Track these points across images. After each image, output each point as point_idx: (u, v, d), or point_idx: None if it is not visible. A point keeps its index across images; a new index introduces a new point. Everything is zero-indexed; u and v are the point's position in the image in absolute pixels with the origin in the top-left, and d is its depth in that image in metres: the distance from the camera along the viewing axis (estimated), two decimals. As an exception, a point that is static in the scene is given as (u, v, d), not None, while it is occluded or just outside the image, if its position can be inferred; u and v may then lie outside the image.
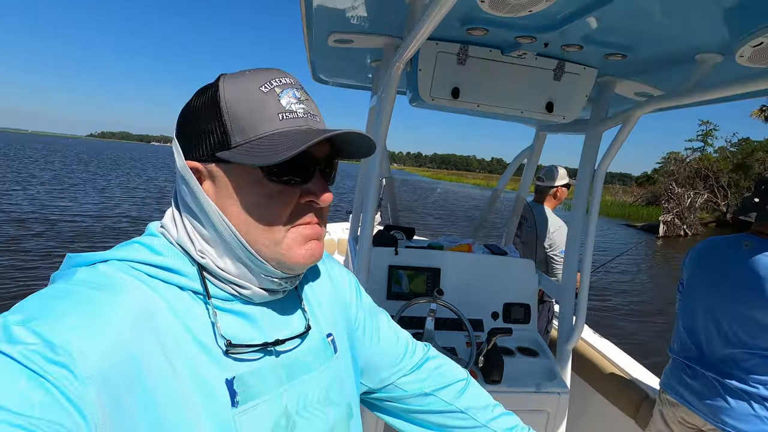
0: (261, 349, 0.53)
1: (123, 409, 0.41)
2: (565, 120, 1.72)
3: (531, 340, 1.98)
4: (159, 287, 0.49)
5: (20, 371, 0.37)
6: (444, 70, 1.58)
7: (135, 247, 0.51)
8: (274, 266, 0.54)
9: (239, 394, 0.50)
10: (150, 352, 0.45)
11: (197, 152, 0.52)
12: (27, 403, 0.35)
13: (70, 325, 0.40)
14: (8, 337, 0.38)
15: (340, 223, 4.72)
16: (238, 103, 0.50)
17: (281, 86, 0.52)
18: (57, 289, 0.44)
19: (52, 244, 7.51)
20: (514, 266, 2.08)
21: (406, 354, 0.76)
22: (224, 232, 0.52)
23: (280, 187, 0.52)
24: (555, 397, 1.69)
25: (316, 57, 1.96)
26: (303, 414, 0.56)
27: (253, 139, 0.50)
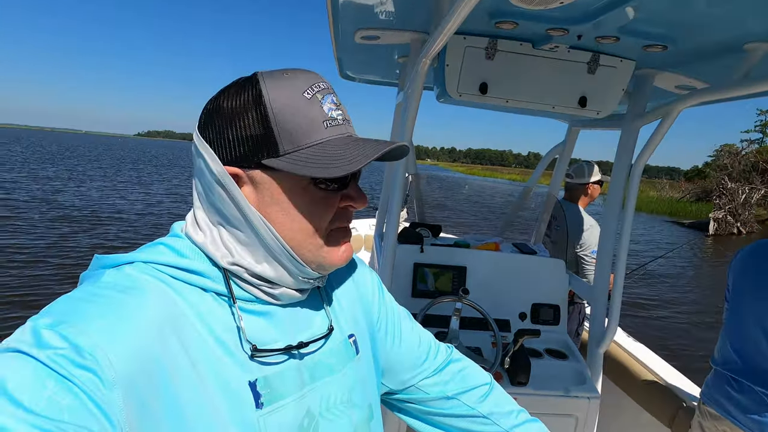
0: (285, 352, 0.54)
1: (148, 413, 0.42)
2: (600, 115, 1.64)
3: (560, 342, 1.92)
4: (182, 289, 0.49)
5: (48, 375, 0.37)
6: (472, 65, 1.55)
7: (159, 248, 0.52)
8: (314, 269, 0.55)
9: (263, 395, 0.50)
10: (174, 355, 0.45)
11: (236, 157, 0.51)
12: (56, 407, 0.36)
13: (97, 330, 0.41)
14: (37, 341, 0.38)
15: (367, 220, 4.74)
16: (286, 109, 0.49)
17: (321, 92, 0.52)
18: (85, 292, 0.45)
19: (97, 241, 7.90)
20: (544, 266, 2.02)
21: (429, 356, 0.75)
22: (267, 238, 0.51)
23: (325, 193, 0.53)
24: (585, 402, 1.64)
25: (343, 54, 1.97)
26: (326, 415, 0.56)
27: (303, 147, 0.50)
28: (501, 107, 1.71)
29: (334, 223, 0.55)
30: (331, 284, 0.67)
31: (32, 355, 0.37)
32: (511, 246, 2.24)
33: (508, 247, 2.22)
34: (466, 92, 1.59)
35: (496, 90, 1.58)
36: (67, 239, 7.68)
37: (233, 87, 0.52)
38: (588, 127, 2.21)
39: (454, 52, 1.53)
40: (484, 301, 1.74)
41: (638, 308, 6.80)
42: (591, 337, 1.86)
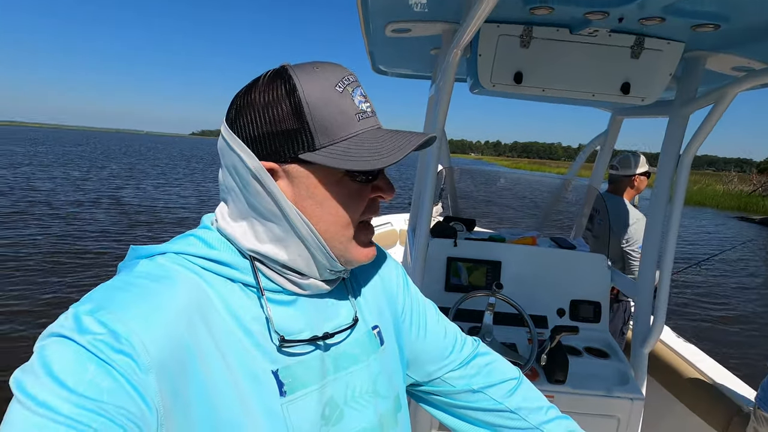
0: (310, 342, 0.54)
1: (180, 397, 0.43)
2: (645, 102, 1.55)
3: (601, 341, 1.84)
4: (211, 279, 0.51)
5: (89, 359, 0.39)
6: (506, 54, 1.51)
7: (190, 240, 0.53)
8: (342, 262, 0.56)
9: (286, 384, 0.51)
10: (203, 343, 0.47)
11: (271, 152, 0.51)
12: (97, 389, 0.38)
13: (132, 317, 0.42)
14: (79, 326, 0.40)
15: (402, 214, 4.74)
16: (320, 103, 0.50)
17: (350, 85, 0.52)
18: (121, 281, 0.47)
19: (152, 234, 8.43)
20: (584, 261, 1.95)
21: (455, 349, 0.74)
22: (303, 231, 0.52)
23: (358, 185, 0.54)
24: (627, 403, 1.56)
25: (375, 48, 1.97)
26: (351, 404, 0.57)
27: (339, 140, 0.50)
28: (537, 97, 1.65)
29: (364, 215, 0.55)
30: (355, 276, 0.67)
31: (74, 339, 0.40)
32: (549, 240, 2.17)
33: (546, 242, 2.15)
34: (499, 82, 1.55)
35: (532, 79, 1.53)
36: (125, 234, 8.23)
37: (264, 81, 0.52)
38: (632, 116, 2.10)
39: (487, 41, 1.49)
40: (520, 297, 1.70)
41: (689, 307, 6.39)
42: (635, 336, 1.77)
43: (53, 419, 0.36)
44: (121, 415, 0.38)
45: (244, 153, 0.51)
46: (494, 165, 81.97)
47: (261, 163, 0.51)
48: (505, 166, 73.15)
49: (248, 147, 0.51)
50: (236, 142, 0.52)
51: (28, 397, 0.36)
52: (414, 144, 0.51)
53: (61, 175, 17.19)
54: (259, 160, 0.51)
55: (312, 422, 0.52)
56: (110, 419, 0.37)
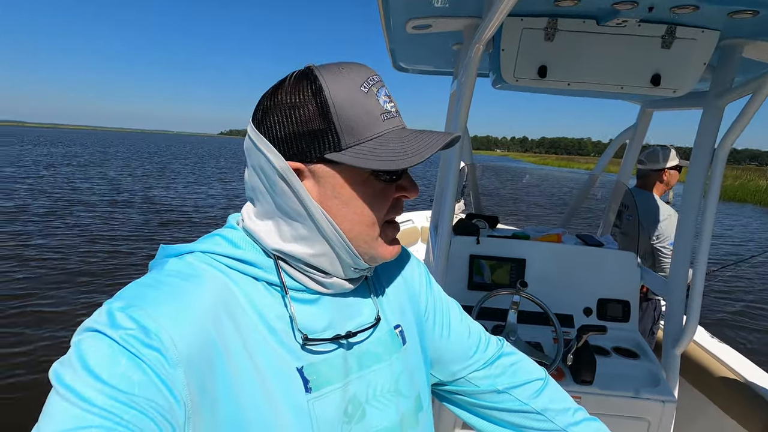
0: (333, 341, 0.55)
1: (207, 393, 0.44)
2: (676, 94, 1.49)
3: (630, 341, 1.79)
4: (237, 278, 0.52)
5: (121, 353, 0.41)
6: (529, 47, 1.48)
7: (216, 239, 0.55)
8: (366, 260, 0.56)
9: (311, 381, 0.52)
10: (229, 340, 0.48)
11: (297, 152, 0.52)
12: (128, 382, 0.40)
13: (162, 314, 0.44)
14: (111, 321, 0.42)
15: (424, 211, 4.71)
16: (346, 104, 0.50)
17: (375, 85, 0.52)
18: (151, 279, 0.49)
19: (182, 234, 8.64)
20: (612, 258, 1.89)
21: (479, 348, 0.73)
22: (328, 231, 0.53)
23: (383, 185, 0.54)
24: (658, 405, 1.52)
25: (396, 45, 1.97)
26: (373, 403, 0.57)
27: (364, 141, 0.51)
28: (562, 91, 1.61)
29: (389, 214, 0.56)
30: (378, 275, 0.67)
31: (107, 334, 0.41)
32: (575, 238, 2.12)
33: (572, 239, 2.10)
34: (523, 77, 1.52)
35: (557, 73, 1.50)
36: (156, 232, 8.52)
37: (290, 82, 0.52)
38: (663, 108, 2.02)
39: (510, 35, 1.47)
40: (545, 295, 1.67)
41: (724, 306, 6.09)
42: (666, 336, 1.71)
43: (88, 410, 0.37)
44: (150, 407, 0.40)
45: (271, 153, 0.52)
46: (520, 162, 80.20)
47: (287, 163, 0.51)
48: (532, 163, 71.27)
49: (275, 147, 0.52)
50: (263, 142, 0.52)
51: (66, 389, 0.38)
52: (439, 144, 0.51)
53: (97, 175, 17.96)
54: (285, 160, 0.51)
55: (336, 419, 0.53)
56: (141, 411, 0.39)
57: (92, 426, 0.37)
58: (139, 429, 0.38)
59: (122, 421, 0.38)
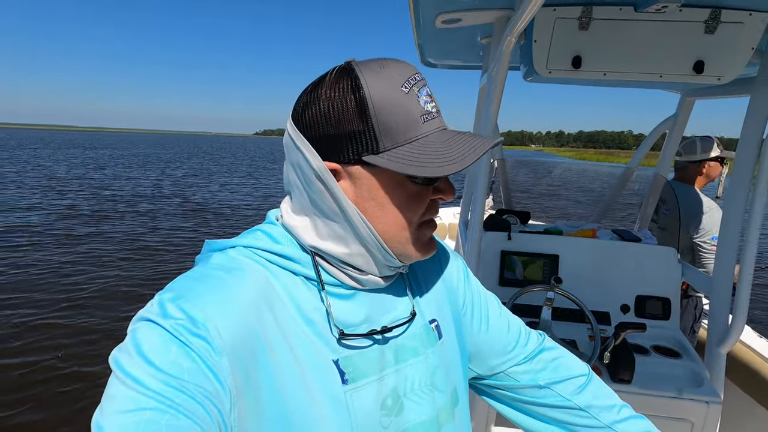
0: (368, 336, 0.55)
1: (250, 381, 0.46)
2: (721, 81, 1.42)
3: (671, 339, 1.73)
4: (277, 272, 0.53)
5: (172, 341, 0.43)
6: (563, 38, 1.44)
7: (257, 235, 0.56)
8: (400, 259, 0.57)
9: (347, 373, 0.53)
10: (270, 330, 0.49)
11: (335, 153, 0.51)
12: (179, 368, 0.42)
13: (208, 305, 0.46)
14: (163, 312, 0.45)
15: (451, 208, 4.66)
16: (386, 105, 0.49)
17: (416, 84, 0.51)
18: (198, 272, 0.51)
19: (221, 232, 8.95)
20: (651, 254, 1.83)
21: (518, 343, 0.72)
22: (362, 231, 0.53)
23: (419, 188, 0.53)
24: (702, 407, 1.46)
25: (424, 41, 1.95)
26: (410, 397, 0.57)
27: (403, 144, 0.50)
28: (597, 81, 1.56)
29: (424, 216, 0.55)
30: (414, 270, 0.67)
31: (159, 323, 0.44)
32: (611, 233, 2.05)
33: (607, 234, 2.04)
34: (556, 68, 1.48)
35: (592, 63, 1.45)
36: (196, 231, 8.84)
37: (330, 80, 0.52)
38: (706, 96, 1.93)
39: (543, 26, 1.43)
40: (580, 292, 1.63)
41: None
42: (711, 335, 1.64)
43: (144, 393, 0.40)
44: (199, 392, 0.42)
45: (309, 152, 0.52)
46: (555, 156, 78.23)
47: (324, 163, 0.51)
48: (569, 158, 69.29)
49: (312, 146, 0.52)
50: (301, 140, 0.52)
51: (124, 374, 0.41)
52: (481, 151, 0.50)
53: (140, 175, 18.80)
54: (322, 159, 0.51)
55: (373, 411, 0.53)
56: (190, 396, 0.41)
57: (147, 408, 0.39)
58: (189, 412, 0.40)
59: (174, 404, 0.40)
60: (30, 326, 4.29)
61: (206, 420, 0.41)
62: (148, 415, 0.39)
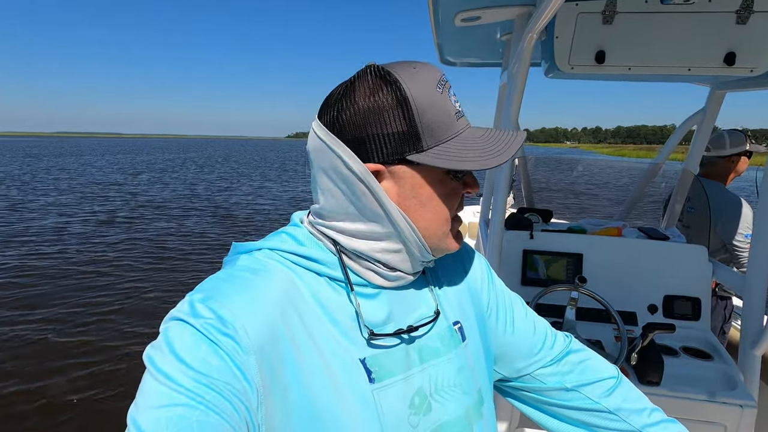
0: (395, 335, 0.56)
1: (277, 380, 0.47)
2: (754, 73, 1.37)
3: (702, 341, 1.67)
4: (301, 273, 0.54)
5: (202, 340, 0.44)
6: (586, 33, 1.41)
7: (282, 237, 0.58)
8: (434, 254, 0.59)
9: (373, 372, 0.53)
10: (295, 330, 0.50)
11: (379, 154, 0.52)
12: (208, 366, 0.43)
13: (236, 305, 0.47)
14: (193, 311, 0.46)
15: (471, 207, 4.62)
16: (426, 105, 0.51)
17: (445, 85, 0.54)
18: (225, 274, 0.52)
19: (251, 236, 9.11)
20: (679, 253, 1.77)
21: (545, 345, 0.71)
22: (405, 230, 0.54)
23: (456, 184, 0.56)
24: (736, 410, 1.41)
25: (444, 40, 1.95)
26: (436, 397, 0.57)
27: (444, 141, 0.52)
28: (622, 76, 1.53)
29: (457, 210, 0.58)
30: (436, 271, 0.67)
31: (190, 322, 0.45)
32: (637, 231, 2.00)
33: (633, 233, 1.99)
34: (579, 63, 1.45)
35: (616, 57, 1.42)
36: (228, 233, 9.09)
37: (365, 82, 0.52)
38: (737, 89, 1.86)
39: (565, 21, 1.41)
40: (605, 292, 1.59)
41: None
42: (744, 336, 1.58)
43: (176, 390, 0.42)
44: (227, 390, 0.43)
45: (347, 155, 0.52)
46: (592, 153, 75.85)
47: (366, 166, 0.52)
48: (606, 154, 66.70)
49: (350, 148, 0.52)
50: (337, 143, 0.52)
51: (157, 370, 0.43)
52: (518, 144, 0.53)
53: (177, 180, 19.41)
54: (362, 161, 0.52)
55: (401, 410, 0.54)
56: (219, 393, 0.42)
57: (179, 404, 0.41)
58: (218, 409, 0.42)
59: (204, 401, 0.42)
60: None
61: (234, 417, 0.42)
62: (179, 411, 0.41)
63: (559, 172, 2.80)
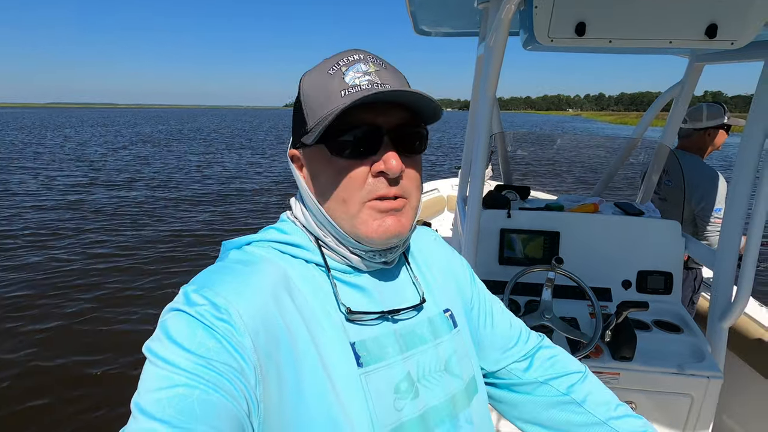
0: (379, 318, 0.58)
1: (272, 360, 0.49)
2: (735, 45, 1.33)
3: (673, 314, 1.71)
4: (290, 261, 0.57)
5: (197, 324, 0.47)
6: (566, 3, 1.33)
7: (270, 231, 0.61)
8: (355, 240, 0.57)
9: (362, 356, 0.55)
10: (287, 314, 0.52)
11: (295, 141, 0.60)
12: (205, 348, 0.46)
13: (228, 291, 0.50)
14: (187, 300, 0.49)
15: (450, 179, 4.58)
16: (310, 89, 0.56)
17: (347, 64, 0.55)
18: (217, 266, 0.56)
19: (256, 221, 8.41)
20: (653, 228, 1.78)
21: (520, 340, 0.76)
22: (316, 213, 0.58)
23: (348, 162, 0.54)
24: (703, 381, 1.45)
25: (417, 7, 1.83)
26: (423, 382, 0.59)
27: (320, 120, 0.54)
28: (602, 48, 1.47)
29: (371, 194, 0.55)
30: (423, 260, 0.70)
31: (185, 311, 0.48)
32: (613, 206, 2.00)
33: (609, 208, 1.99)
34: (559, 36, 1.38)
35: (597, 29, 1.35)
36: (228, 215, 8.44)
37: None
38: (716, 61, 1.83)
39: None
40: (581, 269, 1.59)
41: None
42: (713, 308, 1.62)
43: (176, 372, 0.44)
44: (225, 369, 0.45)
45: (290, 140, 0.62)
46: (593, 121, 75.12)
47: (289, 150, 0.62)
48: (609, 122, 66.03)
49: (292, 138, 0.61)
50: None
51: (157, 357, 0.45)
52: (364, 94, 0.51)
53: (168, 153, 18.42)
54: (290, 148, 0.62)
55: (388, 394, 0.55)
56: (218, 372, 0.45)
57: (179, 384, 0.43)
58: (217, 387, 0.44)
59: (203, 380, 0.44)
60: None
61: (234, 394, 0.45)
62: (180, 391, 0.43)
63: (538, 147, 2.77)
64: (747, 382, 1.90)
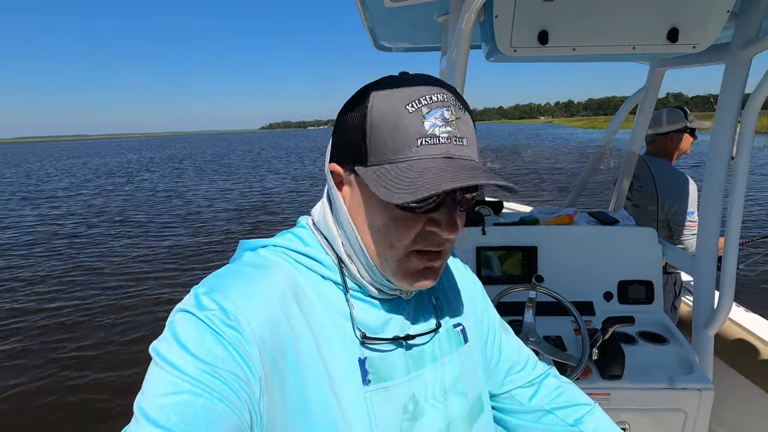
0: (392, 342, 0.57)
1: (278, 369, 0.48)
2: (696, 49, 1.31)
3: (657, 324, 1.66)
4: (304, 272, 0.56)
5: (206, 330, 0.46)
6: (527, 12, 1.29)
7: (288, 237, 0.59)
8: (384, 277, 0.56)
9: (370, 374, 0.53)
10: (296, 323, 0.51)
11: (341, 157, 0.55)
12: (212, 355, 0.45)
13: (238, 298, 0.48)
14: (198, 304, 0.47)
15: None
16: (382, 121, 0.50)
17: (429, 105, 0.49)
18: (230, 269, 0.54)
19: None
20: (630, 237, 1.75)
21: (527, 366, 0.75)
22: (350, 236, 0.55)
23: (404, 213, 0.52)
24: (695, 395, 1.39)
25: (375, 23, 1.77)
26: (431, 402, 0.58)
27: (387, 163, 0.50)
28: (566, 57, 1.43)
29: (414, 245, 0.53)
30: (441, 282, 0.68)
31: (195, 314, 0.47)
32: (587, 216, 1.96)
33: (584, 218, 1.95)
34: (521, 45, 1.34)
35: (559, 37, 1.31)
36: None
37: (359, 92, 0.55)
38: (677, 66, 1.83)
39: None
40: (561, 283, 1.53)
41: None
42: (697, 316, 1.58)
43: (181, 378, 0.43)
44: (231, 378, 0.44)
45: (328, 150, 0.58)
46: (564, 127, 77.83)
47: (330, 164, 0.56)
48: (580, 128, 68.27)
49: (331, 147, 0.57)
50: (329, 145, 0.58)
51: (163, 360, 0.44)
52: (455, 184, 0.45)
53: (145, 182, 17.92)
54: (331, 161, 0.56)
55: (394, 414, 0.54)
56: (223, 381, 0.44)
57: (184, 391, 0.42)
58: (222, 396, 0.43)
59: (208, 389, 0.43)
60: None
61: (238, 404, 0.44)
62: (185, 398, 0.42)
63: (509, 160, 2.73)
64: (736, 389, 1.86)
